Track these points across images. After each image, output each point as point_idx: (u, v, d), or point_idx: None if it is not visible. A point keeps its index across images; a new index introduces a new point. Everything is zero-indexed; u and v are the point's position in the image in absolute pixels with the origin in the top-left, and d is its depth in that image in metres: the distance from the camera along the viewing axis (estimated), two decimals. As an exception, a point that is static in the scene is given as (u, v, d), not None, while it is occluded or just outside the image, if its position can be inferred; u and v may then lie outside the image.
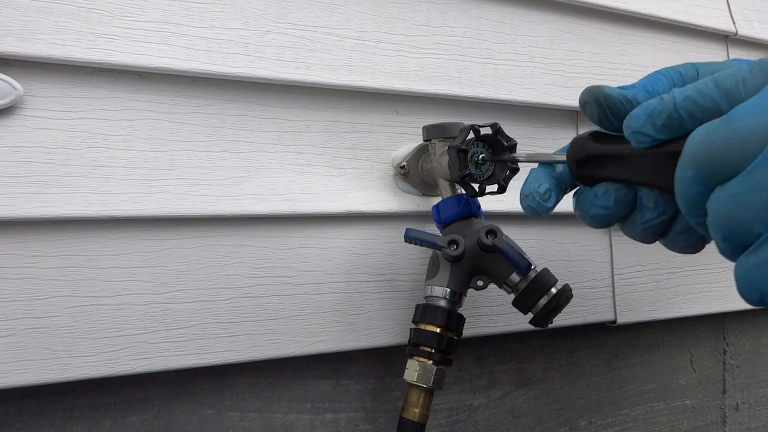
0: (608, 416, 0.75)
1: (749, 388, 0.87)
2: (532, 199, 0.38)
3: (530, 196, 0.38)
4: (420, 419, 0.48)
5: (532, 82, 0.63)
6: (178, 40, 0.48)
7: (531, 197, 0.38)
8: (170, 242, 0.49)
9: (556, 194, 0.38)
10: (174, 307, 0.49)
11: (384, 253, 0.57)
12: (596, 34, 0.68)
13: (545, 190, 0.38)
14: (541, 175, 0.38)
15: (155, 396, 0.53)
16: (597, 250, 0.68)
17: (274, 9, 0.52)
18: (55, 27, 0.44)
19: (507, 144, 0.45)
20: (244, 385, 0.56)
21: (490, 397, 0.68)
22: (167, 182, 0.49)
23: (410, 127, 0.59)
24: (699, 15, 0.72)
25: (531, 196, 0.38)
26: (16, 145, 0.44)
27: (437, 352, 0.48)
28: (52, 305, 0.46)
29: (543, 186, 0.37)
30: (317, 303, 0.54)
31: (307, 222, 0.54)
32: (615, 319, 0.69)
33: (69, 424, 0.51)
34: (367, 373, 0.62)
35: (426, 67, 0.58)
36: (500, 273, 0.48)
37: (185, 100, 0.50)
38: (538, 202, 0.37)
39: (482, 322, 0.61)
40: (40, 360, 0.46)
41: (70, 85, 0.46)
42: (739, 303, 0.78)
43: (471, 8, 0.61)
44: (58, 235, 0.46)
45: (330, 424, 0.60)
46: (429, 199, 0.57)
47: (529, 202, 0.38)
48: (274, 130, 0.53)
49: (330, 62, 0.53)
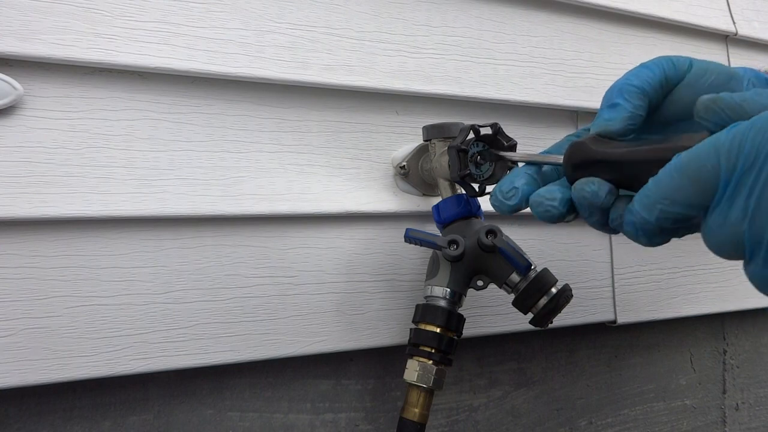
0: (608, 416, 0.75)
1: (749, 388, 0.87)
2: (550, 205, 0.37)
3: (538, 201, 0.37)
4: (420, 419, 0.48)
5: (532, 82, 0.63)
6: (178, 40, 0.48)
7: (548, 203, 0.37)
8: (170, 242, 0.49)
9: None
10: (174, 307, 0.49)
11: (384, 253, 0.57)
12: (596, 34, 0.68)
13: (511, 188, 0.38)
14: (554, 189, 0.37)
15: (155, 396, 0.53)
16: (597, 250, 0.68)
17: (274, 9, 0.52)
18: (55, 27, 0.44)
19: (507, 144, 0.45)
20: (244, 385, 0.56)
21: (490, 397, 0.68)
22: (167, 182, 0.49)
23: (410, 127, 0.59)
24: (699, 15, 0.72)
25: (547, 203, 0.37)
26: (16, 145, 0.44)
27: (437, 352, 0.48)
28: (52, 305, 0.46)
29: (554, 192, 0.37)
30: (317, 303, 0.54)
31: (307, 222, 0.54)
32: (615, 319, 0.69)
33: (69, 424, 0.51)
34: (367, 373, 0.62)
35: (426, 67, 0.58)
36: (500, 273, 0.48)
37: (185, 100, 0.50)
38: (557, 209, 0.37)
39: (482, 322, 0.61)
40: (40, 360, 0.46)
41: (70, 85, 0.46)
42: (739, 303, 0.78)
43: (471, 8, 0.60)
44: (58, 235, 0.46)
45: (330, 424, 0.60)
46: (429, 199, 0.57)
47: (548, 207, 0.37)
48: (274, 130, 0.53)
49: (330, 62, 0.53)
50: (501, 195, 0.38)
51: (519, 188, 0.38)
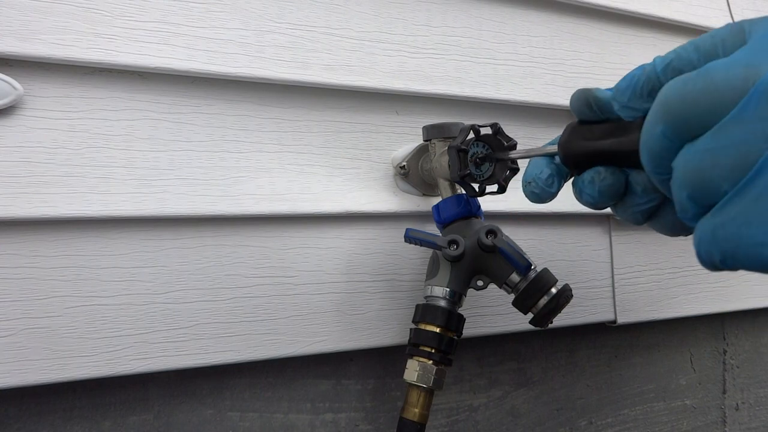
0: (608, 416, 0.75)
1: (749, 388, 0.87)
2: (535, 185, 0.38)
3: (533, 182, 0.38)
4: (420, 419, 0.48)
5: (532, 82, 0.63)
6: (178, 40, 0.48)
7: (534, 183, 0.38)
8: (170, 242, 0.49)
9: (558, 180, 0.38)
10: (174, 307, 0.49)
11: (384, 253, 0.57)
12: (596, 34, 0.68)
13: (547, 176, 0.37)
14: (542, 163, 0.38)
15: (155, 396, 0.53)
16: (597, 250, 0.68)
17: (274, 9, 0.52)
18: (55, 27, 0.44)
19: (507, 144, 0.45)
20: (244, 385, 0.56)
21: (490, 397, 0.68)
22: (167, 182, 0.49)
23: (410, 127, 0.59)
24: (699, 15, 0.72)
25: (534, 182, 0.38)
26: (16, 145, 0.44)
27: (437, 352, 0.48)
28: (52, 305, 0.46)
29: (545, 172, 0.37)
30: (317, 303, 0.54)
31: (307, 222, 0.54)
32: (615, 319, 0.69)
33: (69, 424, 0.51)
34: (367, 373, 0.62)
35: (426, 67, 0.58)
36: (500, 273, 0.48)
37: (185, 100, 0.50)
38: (541, 188, 0.37)
39: (482, 322, 0.61)
40: (40, 360, 0.46)
41: (70, 85, 0.46)
42: (739, 303, 0.78)
43: (471, 8, 0.61)
44: (58, 235, 0.46)
45: (330, 424, 0.60)
46: (429, 199, 0.57)
47: (533, 188, 0.38)
48: (274, 130, 0.53)
49: (330, 62, 0.53)
50: (543, 184, 0.37)
51: (554, 176, 0.37)
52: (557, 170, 0.38)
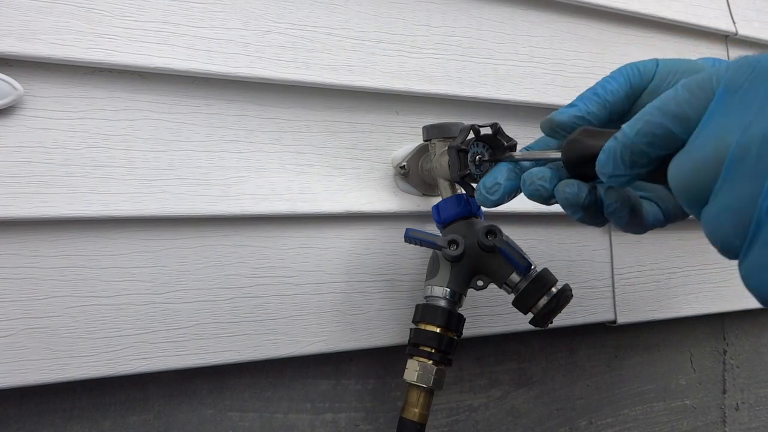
0: (608, 416, 0.75)
1: (749, 388, 0.87)
2: (538, 185, 0.38)
3: (536, 181, 0.38)
4: (420, 419, 0.48)
5: (532, 82, 0.63)
6: (178, 40, 0.48)
7: (537, 182, 0.38)
8: (170, 242, 0.49)
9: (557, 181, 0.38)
10: (174, 307, 0.49)
11: (384, 253, 0.57)
12: (596, 34, 0.68)
13: (495, 184, 0.40)
14: (506, 171, 0.41)
15: (155, 396, 0.53)
16: (597, 250, 0.68)
17: (274, 9, 0.52)
18: (55, 27, 0.44)
19: (507, 144, 0.45)
20: (244, 385, 0.56)
21: (490, 397, 0.68)
22: (167, 182, 0.49)
23: (410, 127, 0.59)
24: (699, 15, 0.72)
25: (536, 181, 0.38)
26: (16, 145, 0.44)
27: (437, 352, 0.48)
28: (52, 305, 0.46)
29: (546, 173, 0.38)
30: (317, 303, 0.54)
31: (307, 222, 0.54)
32: (615, 319, 0.69)
33: (69, 424, 0.51)
34: (367, 373, 0.62)
35: (426, 67, 0.58)
36: (500, 273, 0.48)
37: (185, 100, 0.50)
38: (543, 186, 0.38)
39: (482, 322, 0.61)
40: (40, 360, 0.46)
41: (70, 85, 0.46)
42: (739, 303, 0.78)
43: (471, 8, 0.61)
44: (58, 235, 0.46)
45: (330, 424, 0.60)
46: (429, 199, 0.57)
47: (537, 187, 0.38)
48: (274, 130, 0.53)
49: (330, 62, 0.53)
50: (485, 190, 0.40)
51: (502, 184, 0.40)
52: (558, 171, 0.38)
